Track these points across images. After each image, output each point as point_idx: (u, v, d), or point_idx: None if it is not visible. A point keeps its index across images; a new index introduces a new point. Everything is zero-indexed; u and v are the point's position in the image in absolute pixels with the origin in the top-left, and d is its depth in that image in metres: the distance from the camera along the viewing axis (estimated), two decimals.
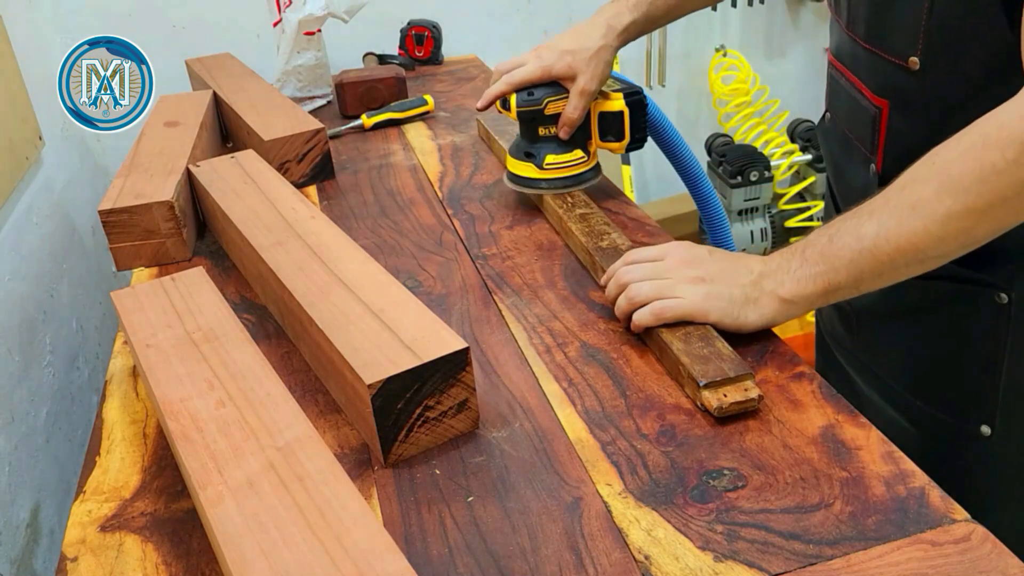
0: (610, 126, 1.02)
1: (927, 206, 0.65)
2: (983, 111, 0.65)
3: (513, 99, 0.98)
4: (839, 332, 1.00)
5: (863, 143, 0.85)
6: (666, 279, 0.76)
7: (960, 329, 0.82)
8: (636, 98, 1.01)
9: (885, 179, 0.71)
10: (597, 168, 1.06)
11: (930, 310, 0.83)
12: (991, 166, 0.62)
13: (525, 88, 0.98)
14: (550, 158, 1.01)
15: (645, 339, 0.78)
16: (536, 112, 0.99)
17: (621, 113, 1.00)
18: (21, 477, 1.14)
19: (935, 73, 0.75)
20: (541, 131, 1.01)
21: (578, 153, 1.02)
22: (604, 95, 1.01)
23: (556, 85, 0.98)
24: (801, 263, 0.72)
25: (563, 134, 1.00)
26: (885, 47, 0.78)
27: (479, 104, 1.01)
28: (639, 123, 1.02)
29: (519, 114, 0.99)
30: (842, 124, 0.91)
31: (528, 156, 1.03)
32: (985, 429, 0.82)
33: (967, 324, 0.81)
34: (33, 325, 1.27)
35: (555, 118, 1.00)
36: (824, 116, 0.97)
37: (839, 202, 0.97)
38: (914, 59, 0.75)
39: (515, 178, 1.05)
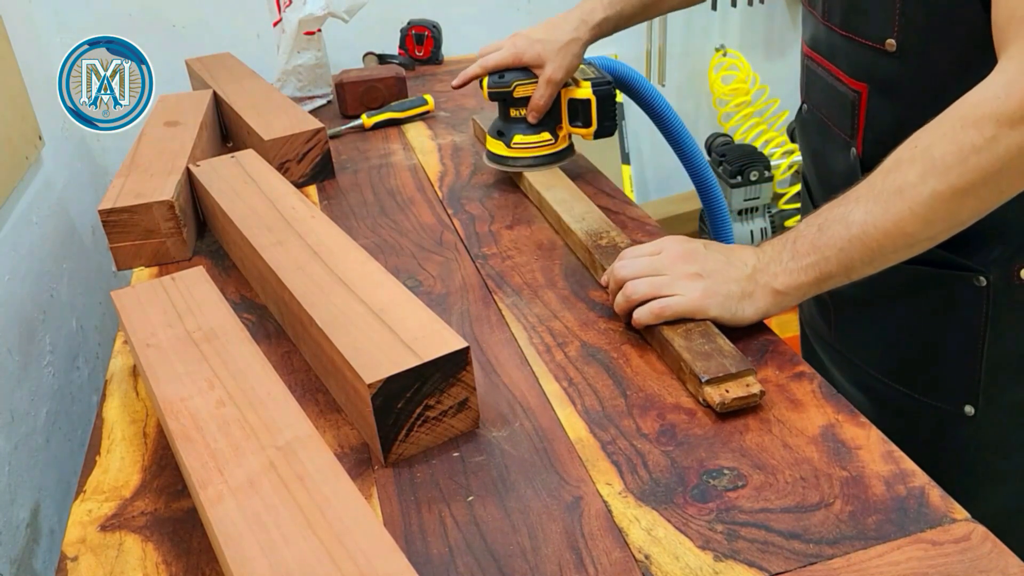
0: (578, 113, 1.08)
1: (912, 189, 0.66)
2: (961, 90, 0.66)
3: (485, 81, 1.07)
4: (818, 323, 1.01)
5: (843, 129, 0.86)
6: (663, 275, 0.76)
7: (939, 313, 0.83)
8: (604, 88, 1.07)
9: (866, 162, 0.72)
10: (567, 151, 1.13)
11: (909, 295, 0.84)
12: (970, 145, 0.63)
13: (497, 72, 1.06)
14: (518, 138, 1.09)
15: (646, 336, 0.78)
16: (505, 94, 1.07)
17: (588, 101, 1.06)
18: (21, 477, 1.14)
19: (912, 54, 0.75)
20: (512, 112, 1.09)
21: (545, 136, 1.09)
22: (575, 82, 1.08)
23: (526, 70, 1.06)
24: (792, 255, 0.73)
25: (531, 118, 1.08)
26: (861, 32, 0.79)
27: (454, 83, 1.10)
28: (607, 112, 1.07)
29: (490, 94, 1.07)
30: (821, 112, 0.92)
31: (499, 135, 1.11)
32: (968, 409, 0.83)
33: (946, 308, 0.82)
34: (33, 325, 1.27)
35: (524, 100, 1.07)
36: (801, 108, 0.98)
37: (818, 191, 0.97)
38: (891, 41, 0.76)
39: (488, 154, 1.14)
